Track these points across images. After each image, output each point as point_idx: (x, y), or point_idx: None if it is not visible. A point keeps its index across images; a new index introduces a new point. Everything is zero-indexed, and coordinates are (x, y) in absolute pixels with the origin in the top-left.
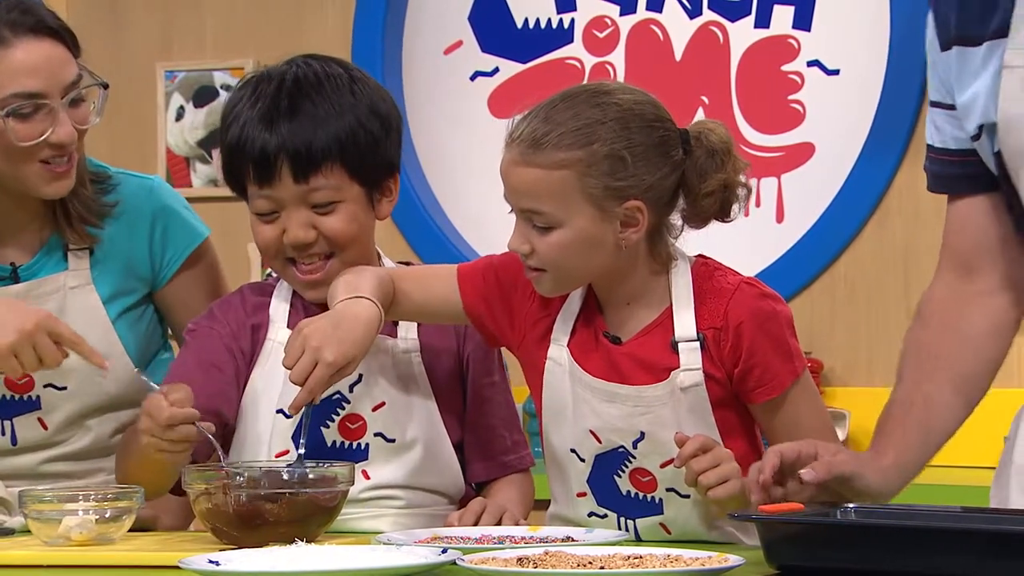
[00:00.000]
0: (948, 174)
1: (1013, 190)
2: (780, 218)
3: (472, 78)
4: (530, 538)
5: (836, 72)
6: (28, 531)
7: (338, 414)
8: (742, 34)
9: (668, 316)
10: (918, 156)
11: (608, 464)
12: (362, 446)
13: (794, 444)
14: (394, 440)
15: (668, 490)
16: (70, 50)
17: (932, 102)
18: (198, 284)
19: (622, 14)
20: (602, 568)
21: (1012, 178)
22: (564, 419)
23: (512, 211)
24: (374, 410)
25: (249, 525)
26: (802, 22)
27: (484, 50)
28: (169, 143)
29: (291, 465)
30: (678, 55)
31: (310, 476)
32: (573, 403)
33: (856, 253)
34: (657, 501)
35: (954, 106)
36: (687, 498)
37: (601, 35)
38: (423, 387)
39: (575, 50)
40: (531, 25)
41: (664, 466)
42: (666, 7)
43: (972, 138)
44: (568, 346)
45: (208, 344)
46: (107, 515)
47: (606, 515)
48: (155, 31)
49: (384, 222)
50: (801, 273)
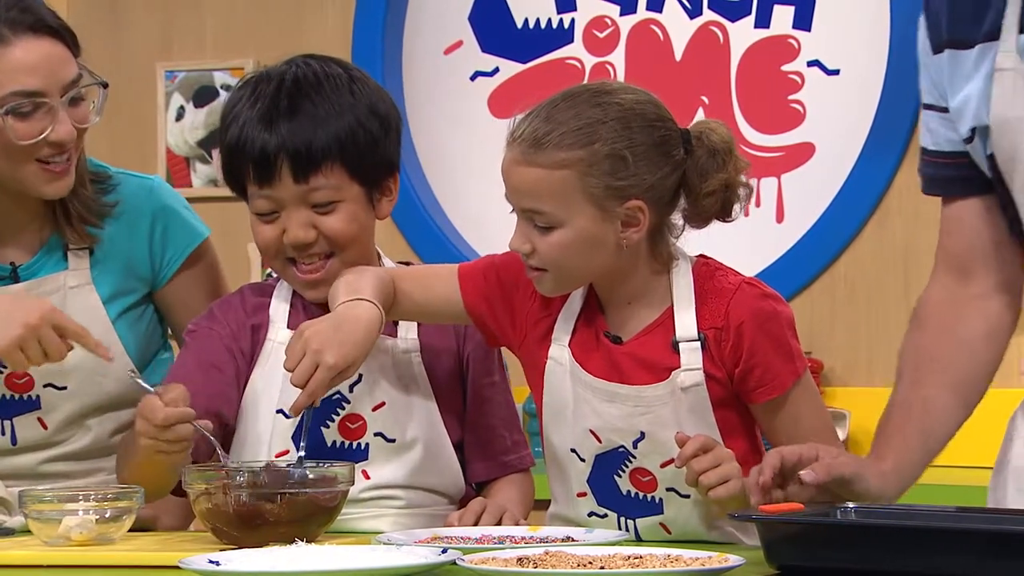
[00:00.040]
0: (942, 176)
1: (1007, 192)
2: (780, 218)
3: (472, 78)
4: (530, 538)
5: (836, 72)
6: (28, 531)
7: (338, 414)
8: (742, 34)
9: (669, 316)
10: (918, 156)
11: (608, 464)
12: (362, 446)
13: (795, 447)
14: (394, 440)
15: (668, 490)
16: (70, 49)
17: (925, 105)
18: (198, 284)
19: (622, 14)
20: (602, 568)
21: (1006, 181)
22: (564, 419)
23: (513, 211)
24: (374, 410)
25: (249, 525)
26: (802, 22)
27: (484, 50)
28: (169, 143)
29: (291, 465)
30: (678, 55)
31: (310, 476)
32: (574, 403)
33: (856, 253)
34: (657, 501)
35: (947, 109)
36: (687, 498)
37: (601, 35)
38: (423, 387)
39: (575, 50)
40: (531, 25)
41: (664, 466)
42: (666, 7)
43: (965, 141)
44: (569, 346)
45: (208, 345)
46: (107, 515)
47: (606, 515)
48: (155, 31)
49: (384, 222)
50: (801, 273)
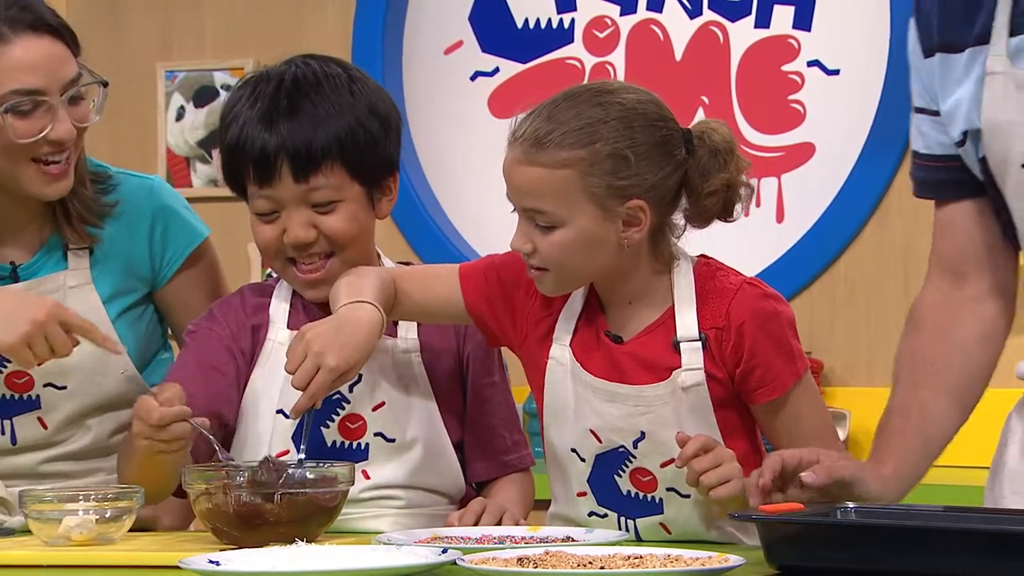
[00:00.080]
0: (934, 180)
1: (999, 195)
2: (780, 218)
3: (472, 78)
4: (530, 538)
5: (836, 72)
6: (28, 531)
7: (338, 414)
8: (742, 34)
9: (670, 316)
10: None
11: (608, 464)
12: (362, 446)
13: (796, 451)
14: (394, 440)
15: (668, 490)
16: (69, 48)
17: (916, 108)
18: (198, 284)
19: (622, 14)
20: (602, 568)
21: (997, 184)
22: (565, 418)
23: (514, 210)
24: (374, 410)
25: (249, 525)
26: (802, 22)
27: (484, 50)
28: (169, 143)
29: (291, 465)
30: (678, 55)
31: (310, 476)
32: (574, 403)
33: (856, 253)
34: (657, 501)
35: (938, 112)
36: (687, 498)
37: (601, 35)
38: (423, 387)
39: (575, 50)
40: (531, 25)
41: (664, 466)
42: (666, 7)
43: (957, 144)
44: (570, 345)
45: (208, 346)
46: (107, 515)
47: (606, 515)
48: (155, 31)
49: (384, 222)
50: (801, 273)
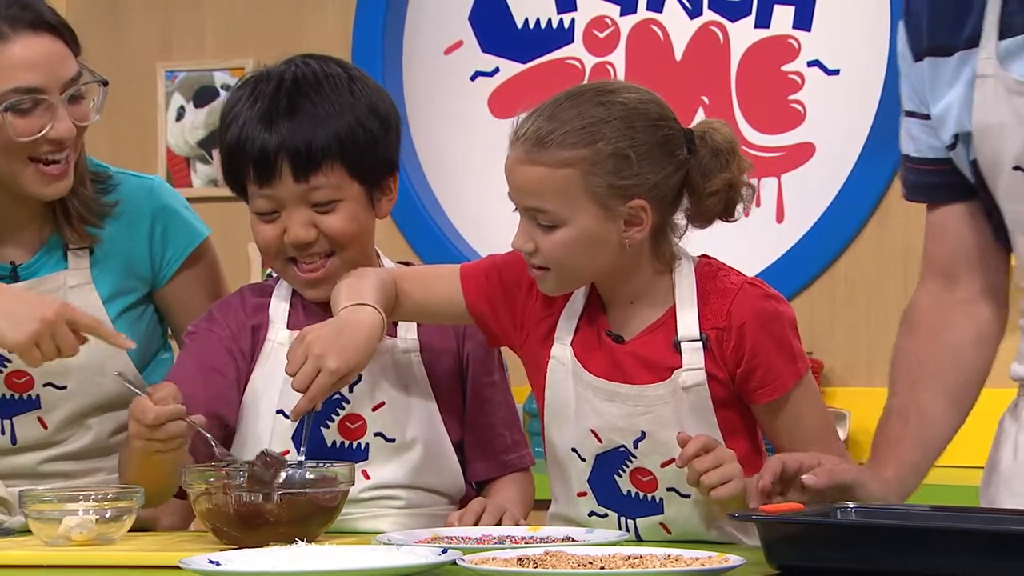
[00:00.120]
0: (925, 183)
1: (990, 198)
2: (780, 218)
3: (472, 78)
4: (530, 538)
5: (836, 72)
6: (28, 531)
7: (338, 414)
8: (742, 34)
9: (671, 316)
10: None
11: (609, 464)
12: (362, 446)
13: (797, 455)
14: (394, 440)
15: (669, 490)
16: (69, 47)
17: (906, 112)
18: (198, 284)
19: (622, 14)
20: (602, 568)
21: (989, 186)
22: (566, 418)
23: (516, 209)
24: (374, 410)
25: (249, 525)
26: (802, 22)
27: (484, 50)
28: (169, 143)
29: (291, 466)
30: (678, 55)
31: (310, 476)
32: (575, 402)
33: (856, 253)
34: (658, 501)
35: (929, 116)
36: (688, 498)
37: (601, 35)
38: (423, 387)
39: (575, 50)
40: (531, 25)
41: (665, 466)
42: (666, 7)
43: (948, 147)
44: (571, 345)
45: (208, 347)
46: (107, 515)
47: (606, 515)
48: (155, 31)
49: (384, 222)
50: (801, 273)
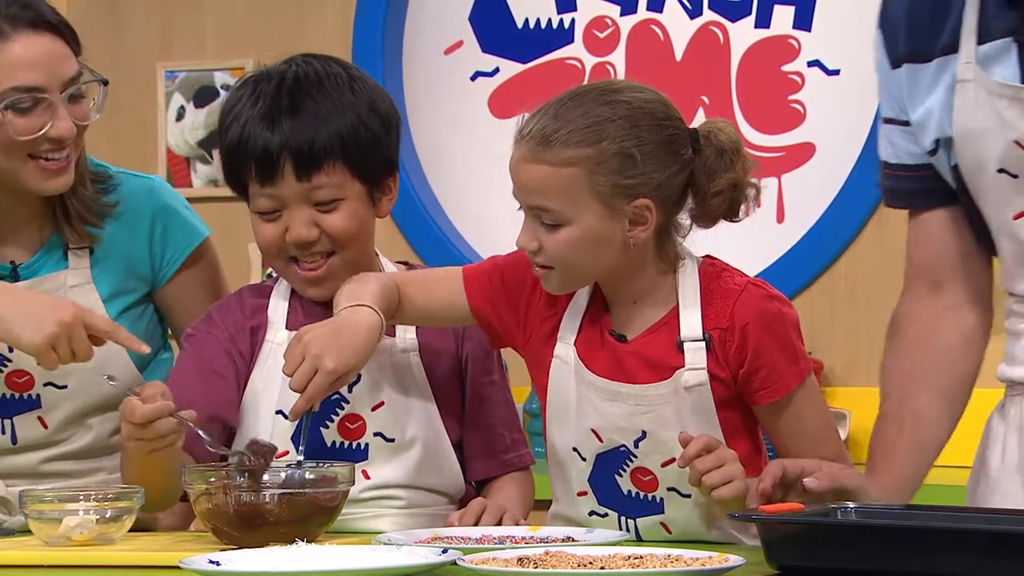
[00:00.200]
0: (905, 189)
1: (972, 203)
2: (780, 218)
3: (472, 78)
4: (530, 538)
5: (836, 72)
6: (28, 531)
7: (337, 414)
8: (742, 34)
9: (674, 315)
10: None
11: (609, 463)
12: (362, 446)
13: (799, 460)
14: (393, 440)
15: (669, 489)
16: (70, 46)
17: (885, 119)
18: (198, 284)
19: (622, 14)
20: (602, 568)
21: (970, 191)
22: (568, 418)
23: (520, 208)
24: (373, 410)
25: (249, 525)
26: (802, 22)
27: (484, 50)
28: (169, 143)
29: (291, 466)
30: (678, 55)
31: (310, 476)
32: (577, 402)
33: (856, 253)
34: (658, 500)
35: (908, 122)
36: (688, 498)
37: (601, 35)
38: (422, 386)
39: (575, 50)
40: (531, 25)
41: (665, 465)
42: (666, 7)
43: (929, 153)
44: (575, 344)
45: (207, 350)
46: (107, 515)
47: (607, 514)
48: (155, 31)
49: (384, 222)
50: (801, 273)
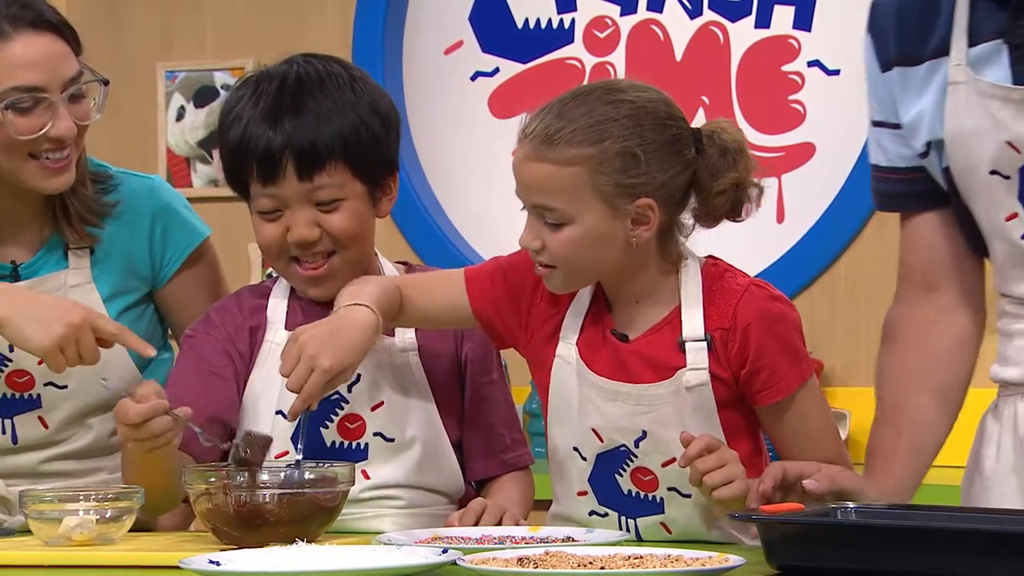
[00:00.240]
0: (896, 192)
1: (963, 205)
2: (780, 218)
3: (472, 78)
4: (530, 538)
5: (836, 72)
6: (28, 531)
7: (337, 414)
8: (742, 34)
9: (676, 315)
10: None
11: (610, 463)
12: (361, 446)
13: (799, 463)
14: (393, 439)
15: (670, 489)
16: (70, 45)
17: (875, 122)
18: (198, 283)
19: (622, 14)
20: (602, 568)
21: (961, 193)
22: (569, 417)
23: (524, 207)
24: (373, 410)
25: (249, 525)
26: (802, 22)
27: (484, 50)
28: (169, 143)
29: (291, 466)
30: (678, 55)
31: (310, 476)
32: (578, 401)
33: (856, 253)
34: (658, 500)
35: (899, 125)
36: (688, 498)
37: (601, 35)
38: (421, 386)
39: (575, 50)
40: (531, 25)
41: (666, 465)
42: (666, 7)
43: (920, 155)
44: (576, 343)
45: (206, 351)
46: (107, 515)
47: (607, 514)
48: (155, 31)
49: (384, 222)
50: (801, 273)
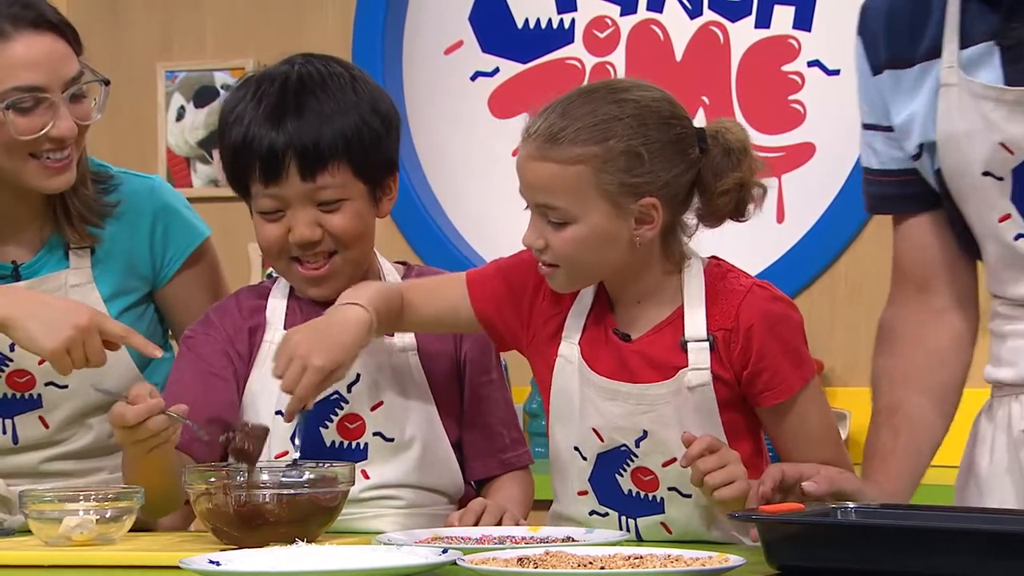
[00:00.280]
0: (888, 195)
1: (955, 207)
2: (780, 218)
3: (472, 78)
4: (530, 538)
5: (836, 72)
6: (28, 531)
7: (336, 414)
8: (742, 34)
9: (679, 315)
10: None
11: (610, 463)
12: (361, 446)
13: (798, 465)
14: (393, 439)
15: (670, 489)
16: (71, 45)
17: (866, 125)
18: (199, 283)
19: (622, 14)
20: (602, 568)
21: (953, 195)
22: (570, 417)
23: (527, 207)
24: (372, 410)
25: (249, 525)
26: (802, 22)
27: (484, 50)
28: (169, 143)
29: (290, 466)
30: (678, 55)
31: (310, 476)
32: (579, 401)
33: (856, 253)
34: (659, 500)
35: (891, 128)
36: (689, 497)
37: (601, 35)
38: (420, 385)
39: (575, 50)
40: (531, 25)
41: (666, 465)
42: (666, 7)
43: (912, 157)
44: (579, 343)
45: (205, 352)
46: (107, 515)
47: (607, 514)
48: (155, 31)
49: (384, 222)
50: (801, 273)
